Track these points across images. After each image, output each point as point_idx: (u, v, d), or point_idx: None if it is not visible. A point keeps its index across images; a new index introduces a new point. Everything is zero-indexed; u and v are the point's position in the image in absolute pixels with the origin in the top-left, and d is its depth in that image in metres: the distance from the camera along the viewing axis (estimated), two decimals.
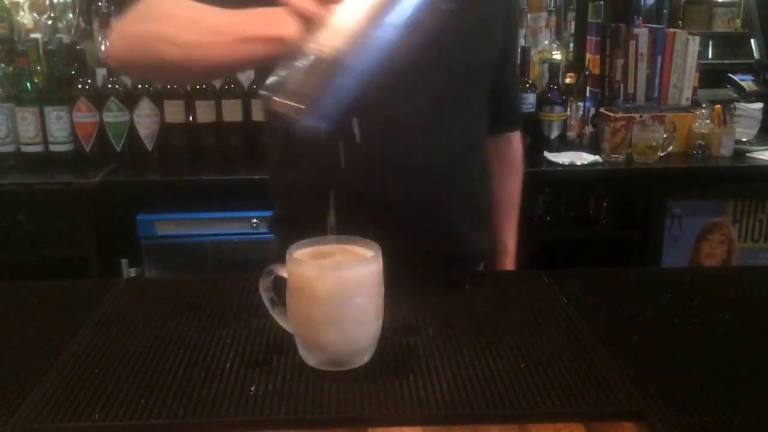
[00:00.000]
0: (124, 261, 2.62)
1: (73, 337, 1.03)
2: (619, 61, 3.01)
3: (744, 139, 2.96)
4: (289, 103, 0.85)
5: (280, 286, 0.96)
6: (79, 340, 1.02)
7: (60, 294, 1.21)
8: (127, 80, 2.71)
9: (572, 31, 3.30)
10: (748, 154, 2.88)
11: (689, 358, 0.98)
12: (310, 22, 0.88)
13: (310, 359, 0.94)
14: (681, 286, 1.24)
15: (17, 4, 3.08)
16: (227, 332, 1.04)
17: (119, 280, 1.23)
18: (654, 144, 2.76)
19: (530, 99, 2.84)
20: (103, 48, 2.74)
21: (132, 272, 2.63)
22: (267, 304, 0.97)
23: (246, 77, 2.75)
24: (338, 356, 0.92)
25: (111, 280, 1.27)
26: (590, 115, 2.97)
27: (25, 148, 2.66)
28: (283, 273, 0.93)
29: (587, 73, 3.08)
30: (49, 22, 2.93)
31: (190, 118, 2.74)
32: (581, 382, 0.90)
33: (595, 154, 2.77)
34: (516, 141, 1.65)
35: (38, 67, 2.69)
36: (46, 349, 0.99)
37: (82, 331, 1.05)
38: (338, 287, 0.89)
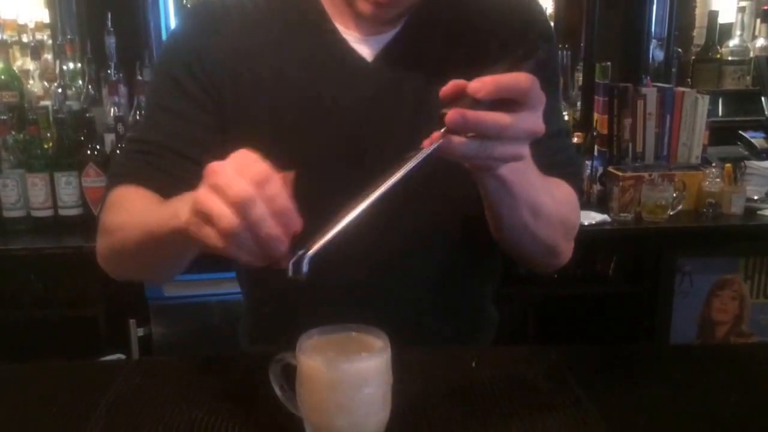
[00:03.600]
0: (132, 321, 2.63)
1: (87, 423, 1.02)
2: (627, 121, 3.00)
3: (755, 197, 2.94)
4: None
5: (289, 369, 0.96)
6: (92, 426, 1.02)
7: (71, 376, 1.21)
8: None
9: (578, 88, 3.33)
10: (759, 212, 2.87)
11: None
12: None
13: None
14: (691, 365, 1.23)
15: (27, 72, 3.13)
16: (237, 414, 1.04)
17: (128, 361, 1.23)
18: (663, 203, 2.75)
19: None
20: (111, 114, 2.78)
21: (140, 332, 2.64)
22: (277, 391, 0.97)
23: None
24: None
25: (120, 362, 1.28)
26: (598, 174, 2.95)
27: (35, 213, 2.68)
28: (293, 361, 0.93)
29: (595, 132, 3.08)
30: (59, 90, 2.97)
31: None
32: None
33: (603, 213, 2.76)
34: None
35: (48, 134, 2.72)
36: None
37: (95, 415, 1.05)
38: (348, 378, 0.89)
